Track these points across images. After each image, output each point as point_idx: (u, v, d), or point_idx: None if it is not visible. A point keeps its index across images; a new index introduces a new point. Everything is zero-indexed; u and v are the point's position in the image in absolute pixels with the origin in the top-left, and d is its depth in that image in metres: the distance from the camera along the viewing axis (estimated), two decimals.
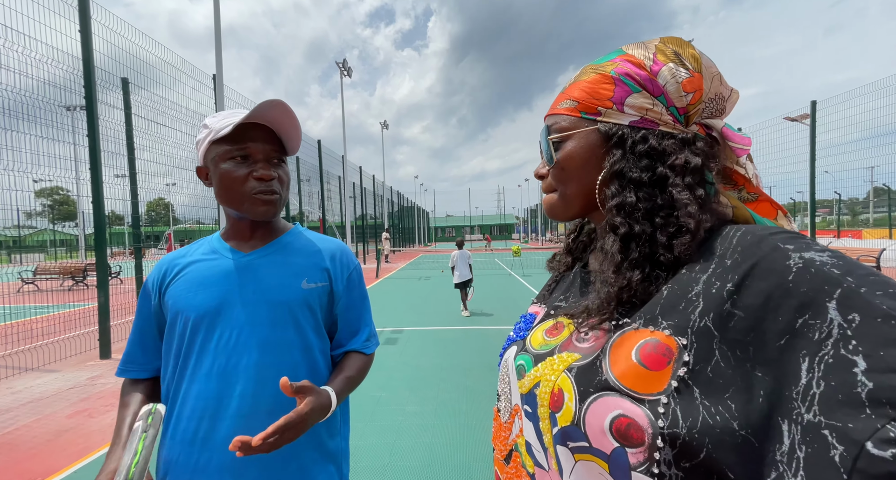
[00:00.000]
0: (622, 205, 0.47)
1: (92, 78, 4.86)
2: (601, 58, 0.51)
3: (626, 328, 0.44)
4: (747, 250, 0.38)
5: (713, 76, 0.47)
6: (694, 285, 0.40)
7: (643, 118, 0.47)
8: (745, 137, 0.49)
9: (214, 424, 0.79)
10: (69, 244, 28.52)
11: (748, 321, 0.35)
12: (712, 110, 0.48)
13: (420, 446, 2.62)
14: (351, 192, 17.32)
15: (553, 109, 0.54)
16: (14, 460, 2.54)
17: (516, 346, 0.58)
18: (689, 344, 0.38)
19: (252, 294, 0.84)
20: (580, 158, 0.50)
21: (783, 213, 0.50)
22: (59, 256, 23.30)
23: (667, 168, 0.45)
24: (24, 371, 4.25)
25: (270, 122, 0.83)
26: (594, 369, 0.42)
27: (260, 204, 0.83)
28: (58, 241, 25.82)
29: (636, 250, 0.45)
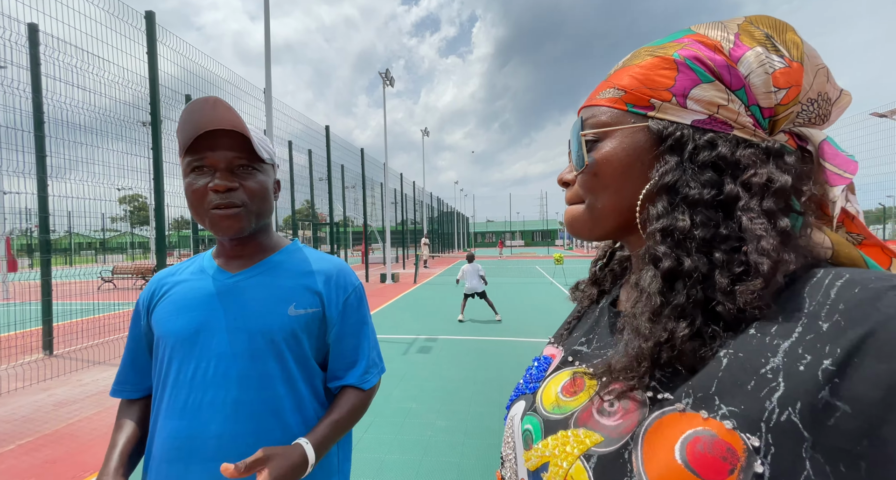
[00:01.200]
0: (670, 230, 0.36)
1: (157, 96, 5.31)
2: (663, 38, 0.40)
3: (666, 407, 0.33)
4: (856, 309, 0.27)
5: (818, 69, 0.36)
6: (770, 356, 0.29)
7: (712, 117, 0.36)
8: (852, 159, 0.35)
9: (188, 467, 0.72)
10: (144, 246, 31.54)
11: (859, 420, 0.25)
12: (811, 115, 0.37)
13: (447, 465, 2.51)
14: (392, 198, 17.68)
15: (591, 100, 0.43)
16: (73, 450, 2.75)
17: (524, 401, 0.47)
18: (763, 446, 0.27)
19: (233, 321, 0.77)
20: (620, 163, 0.39)
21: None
22: (136, 257, 25.82)
23: (739, 186, 0.34)
24: (92, 365, 4.66)
25: (229, 124, 0.73)
26: (620, 463, 0.32)
27: (218, 220, 0.74)
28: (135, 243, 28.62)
29: (683, 293, 0.34)
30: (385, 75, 13.34)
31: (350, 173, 14.17)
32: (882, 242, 0.36)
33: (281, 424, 0.76)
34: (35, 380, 4.10)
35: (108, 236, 29.75)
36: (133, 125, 5.71)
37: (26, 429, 3.06)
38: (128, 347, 0.87)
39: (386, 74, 13.35)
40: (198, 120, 0.72)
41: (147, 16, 5.27)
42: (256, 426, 0.74)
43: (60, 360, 4.76)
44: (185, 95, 7.03)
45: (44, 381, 4.10)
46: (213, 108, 0.72)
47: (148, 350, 0.85)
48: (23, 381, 4.05)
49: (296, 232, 11.36)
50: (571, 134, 0.44)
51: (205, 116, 0.72)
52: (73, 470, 2.51)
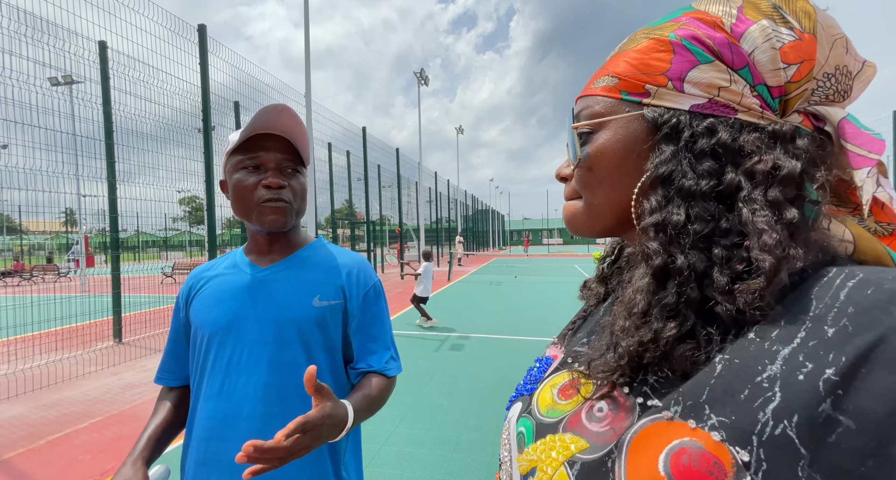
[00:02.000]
0: (663, 224, 0.33)
1: (208, 104, 5.69)
2: (662, 17, 0.37)
3: (653, 414, 0.31)
4: (867, 313, 0.24)
5: (834, 40, 0.32)
6: (767, 363, 0.27)
7: (712, 101, 0.33)
8: (878, 138, 0.31)
9: (222, 446, 0.78)
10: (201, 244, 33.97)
11: (864, 438, 0.22)
12: (829, 92, 0.33)
13: (478, 464, 2.50)
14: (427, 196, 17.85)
15: (586, 90, 0.41)
16: (137, 429, 3.02)
17: (521, 402, 0.46)
18: (753, 462, 0.25)
19: (263, 312, 0.83)
20: (615, 156, 0.37)
21: None
22: (193, 254, 27.88)
23: (741, 174, 0.31)
24: (154, 352, 5.09)
25: (283, 131, 0.81)
26: (603, 471, 0.30)
27: (268, 212, 0.81)
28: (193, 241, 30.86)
29: (674, 292, 0.32)
30: (420, 75, 13.48)
31: (386, 173, 14.48)
32: None
33: (308, 408, 0.80)
34: (106, 365, 4.54)
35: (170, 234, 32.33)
36: (190, 132, 6.19)
37: (97, 409, 3.40)
38: (170, 338, 0.95)
39: (421, 73, 13.49)
40: (259, 123, 0.79)
41: (199, 29, 5.66)
42: (285, 409, 0.79)
43: (128, 347, 5.24)
44: (234, 102, 7.50)
45: (113, 366, 4.54)
46: (278, 114, 0.78)
47: (186, 342, 0.92)
48: (95, 366, 4.50)
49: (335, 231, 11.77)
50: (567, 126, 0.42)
51: (268, 120, 0.79)
52: None
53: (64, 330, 5.66)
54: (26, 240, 22.88)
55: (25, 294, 7.65)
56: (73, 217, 14.43)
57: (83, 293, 9.30)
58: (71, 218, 15.12)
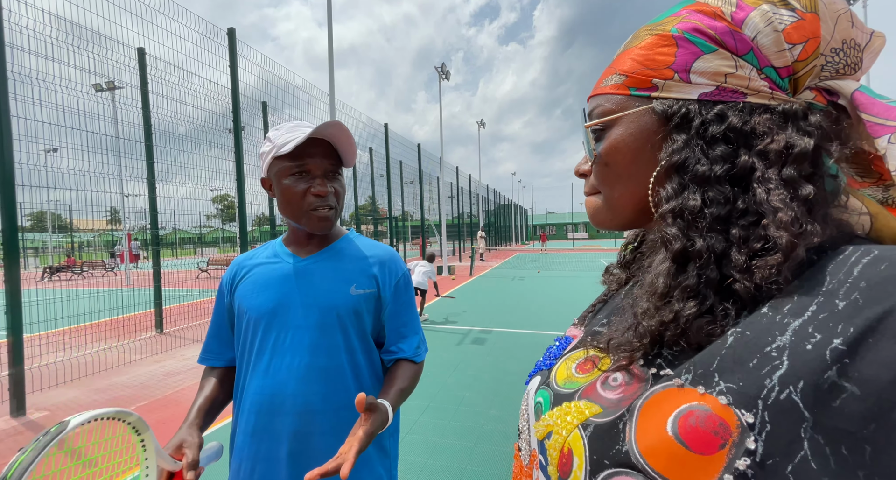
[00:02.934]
0: (680, 210, 0.34)
1: (238, 105, 5.90)
2: (663, 13, 0.39)
3: (665, 382, 0.32)
4: (878, 287, 0.25)
5: (838, 15, 0.33)
6: (778, 334, 0.28)
7: (720, 87, 0.34)
8: (893, 105, 0.32)
9: (272, 419, 0.86)
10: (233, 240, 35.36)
11: (867, 403, 0.23)
12: (839, 66, 0.34)
13: (499, 454, 2.54)
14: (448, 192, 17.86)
15: (596, 89, 0.42)
16: (179, 413, 3.23)
17: (540, 376, 0.48)
18: (757, 423, 0.26)
19: (305, 298, 0.89)
20: (629, 150, 0.38)
21: None
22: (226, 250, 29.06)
23: (754, 156, 0.32)
24: (192, 343, 5.38)
25: (328, 136, 0.87)
26: (614, 433, 0.32)
27: (317, 220, 0.88)
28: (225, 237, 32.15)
29: (694, 274, 0.33)
30: (441, 69, 13.46)
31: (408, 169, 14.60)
32: None
33: (344, 387, 0.88)
34: (149, 353, 4.85)
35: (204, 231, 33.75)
36: (220, 132, 6.43)
37: (143, 394, 3.64)
38: (213, 321, 1.03)
39: (442, 68, 13.46)
40: (321, 132, 0.86)
41: (229, 32, 5.86)
42: (325, 387, 0.87)
43: (169, 337, 5.57)
44: (262, 102, 7.75)
45: (156, 355, 4.84)
46: (328, 125, 0.85)
47: (230, 324, 1.00)
48: (139, 354, 4.82)
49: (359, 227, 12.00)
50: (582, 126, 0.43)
51: (318, 129, 0.86)
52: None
53: (112, 321, 6.07)
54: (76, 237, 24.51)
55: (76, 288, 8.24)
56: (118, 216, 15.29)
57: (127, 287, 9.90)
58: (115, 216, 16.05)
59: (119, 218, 15.54)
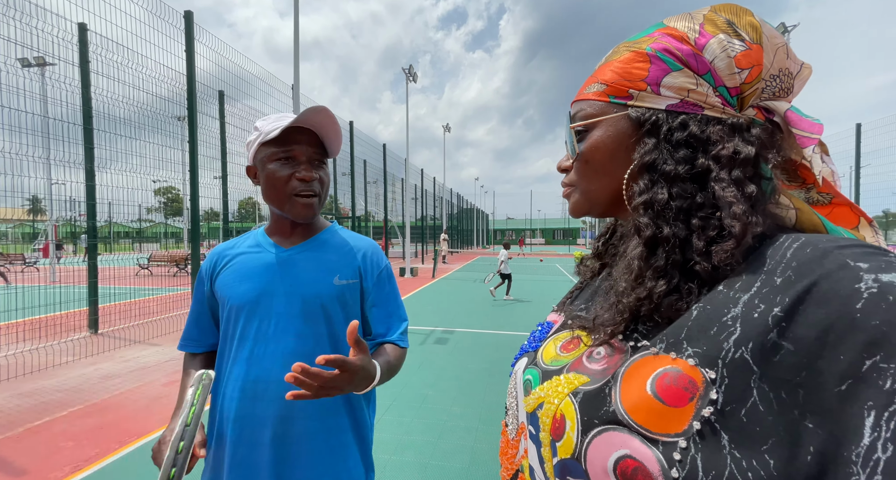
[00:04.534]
0: (650, 202, 0.40)
1: (194, 93, 5.58)
2: (639, 33, 0.45)
3: (643, 351, 0.38)
4: (805, 265, 0.31)
5: (777, 48, 0.39)
6: (731, 307, 0.34)
7: (684, 101, 0.40)
8: (816, 122, 0.39)
9: (255, 404, 0.86)
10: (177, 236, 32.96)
11: (799, 356, 0.29)
12: (775, 90, 0.40)
13: (463, 448, 2.60)
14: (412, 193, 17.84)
15: (579, 95, 0.48)
16: (117, 419, 2.99)
17: (527, 357, 0.53)
18: (718, 378, 0.32)
19: (289, 287, 0.90)
20: (606, 150, 0.44)
21: (867, 221, 0.40)
22: (170, 246, 26.99)
23: (710, 159, 0.38)
24: (133, 343, 4.99)
25: (315, 126, 0.88)
26: (602, 396, 0.37)
27: (300, 206, 0.89)
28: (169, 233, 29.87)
29: (663, 257, 0.39)
30: (408, 71, 13.45)
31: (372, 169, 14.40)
32: (850, 201, 0.40)
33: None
34: (82, 355, 4.43)
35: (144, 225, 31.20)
36: (168, 119, 5.92)
37: (76, 398, 3.33)
38: (192, 309, 1.02)
39: (409, 69, 13.46)
40: (298, 118, 0.86)
41: (186, 15, 5.53)
42: None
43: (105, 338, 5.11)
44: (219, 91, 7.35)
45: (90, 356, 4.43)
46: (314, 113, 0.85)
47: (209, 312, 0.99)
48: (71, 356, 4.39)
49: None
50: (566, 126, 0.49)
51: (305, 116, 0.85)
52: (120, 436, 2.73)
53: (36, 320, 5.47)
54: None
55: None
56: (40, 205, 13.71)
57: (52, 284, 8.94)
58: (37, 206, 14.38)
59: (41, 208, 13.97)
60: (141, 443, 2.65)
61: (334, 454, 0.89)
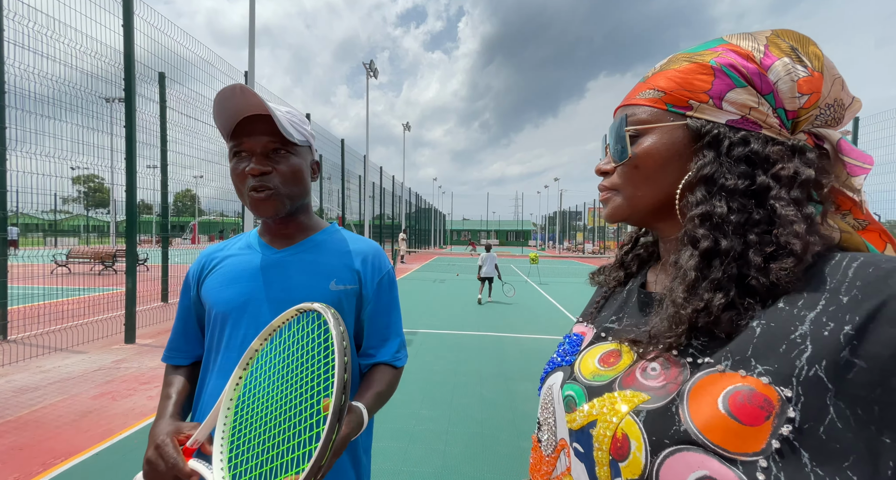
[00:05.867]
0: (709, 214, 0.40)
1: (132, 72, 5.03)
2: (697, 46, 0.45)
3: (707, 368, 0.37)
4: (871, 285, 0.32)
5: (835, 79, 0.41)
6: (798, 324, 0.34)
7: (744, 118, 0.41)
8: (867, 154, 0.41)
9: None
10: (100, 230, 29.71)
11: (873, 374, 0.29)
12: (828, 118, 0.42)
13: (433, 452, 2.57)
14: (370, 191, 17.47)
15: (630, 99, 0.47)
16: (40, 437, 2.62)
17: (562, 372, 0.51)
18: (794, 397, 0.32)
19: (279, 293, 0.82)
20: (660, 157, 0.44)
21: (893, 246, 0.42)
22: (91, 241, 24.23)
23: (770, 178, 0.39)
24: (53, 351, 4.40)
25: (257, 109, 0.77)
26: (669, 416, 0.36)
27: (256, 203, 0.79)
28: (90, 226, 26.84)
29: (719, 269, 0.39)
30: (369, 66, 13.16)
31: (328, 164, 13.90)
32: (882, 227, 0.42)
33: None
34: None
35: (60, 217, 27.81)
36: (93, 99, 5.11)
37: None
38: (179, 316, 0.91)
39: (370, 65, 13.17)
40: (232, 107, 0.76)
41: None
42: None
43: (17, 346, 4.46)
44: (159, 73, 6.70)
45: (1, 367, 3.85)
46: (242, 95, 0.75)
47: (197, 320, 0.89)
48: None
49: None
50: (610, 129, 0.48)
51: (237, 103, 0.75)
52: (41, 456, 2.39)
53: None
54: None
55: None
56: None
57: None
58: None
59: None
60: (70, 465, 2.34)
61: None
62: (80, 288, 8.74)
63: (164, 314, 6.21)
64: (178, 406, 0.80)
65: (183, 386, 0.84)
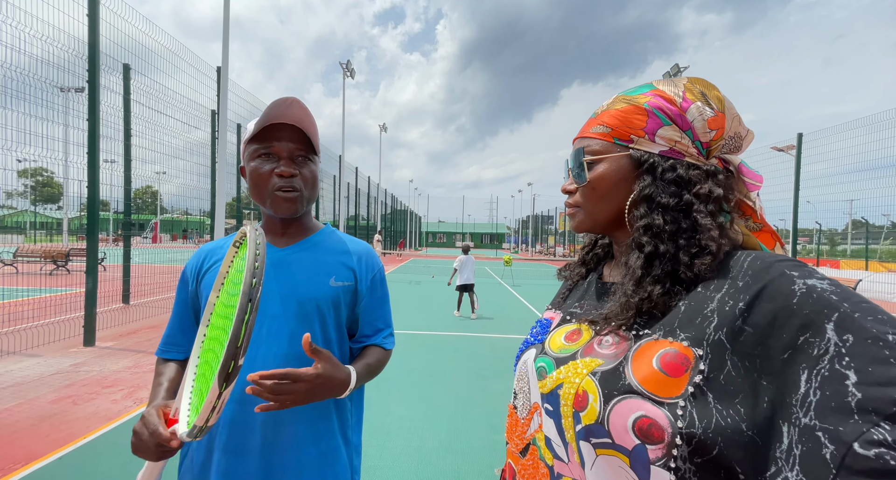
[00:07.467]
0: (650, 226, 0.51)
1: (97, 62, 4.83)
2: (632, 90, 0.56)
3: (646, 338, 0.48)
4: (757, 273, 0.43)
5: (734, 117, 0.53)
6: (709, 303, 0.45)
7: (672, 149, 0.52)
8: (759, 174, 0.55)
9: (244, 408, 0.83)
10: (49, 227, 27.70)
11: (756, 336, 0.40)
12: (730, 147, 0.54)
13: (410, 449, 2.64)
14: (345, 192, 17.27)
15: (584, 133, 0.58)
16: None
17: (535, 349, 0.62)
18: (704, 355, 0.42)
19: (284, 288, 0.88)
20: (611, 181, 0.55)
21: (780, 244, 0.56)
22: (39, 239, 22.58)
23: (692, 196, 0.51)
24: (4, 355, 4.14)
25: (295, 120, 0.86)
26: (617, 374, 0.47)
27: (281, 201, 0.87)
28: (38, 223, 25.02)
29: (658, 268, 0.50)
30: (346, 66, 13.05)
31: None
32: (773, 229, 0.55)
33: None
34: None
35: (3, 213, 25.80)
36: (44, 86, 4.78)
37: None
38: (175, 311, 0.95)
39: (347, 64, 13.06)
40: (273, 114, 0.84)
41: None
42: None
43: None
44: (124, 64, 6.42)
45: None
46: (289, 106, 0.85)
47: (194, 315, 0.94)
48: None
49: (240, 220, 10.74)
50: (571, 157, 0.60)
51: (280, 111, 0.84)
52: (1, 463, 2.29)
53: None
54: None
55: None
56: None
57: None
58: None
59: None
60: (30, 471, 2.25)
61: (323, 459, 0.89)
62: (30, 289, 8.19)
63: (125, 316, 5.94)
64: (169, 392, 0.84)
65: (176, 374, 0.89)
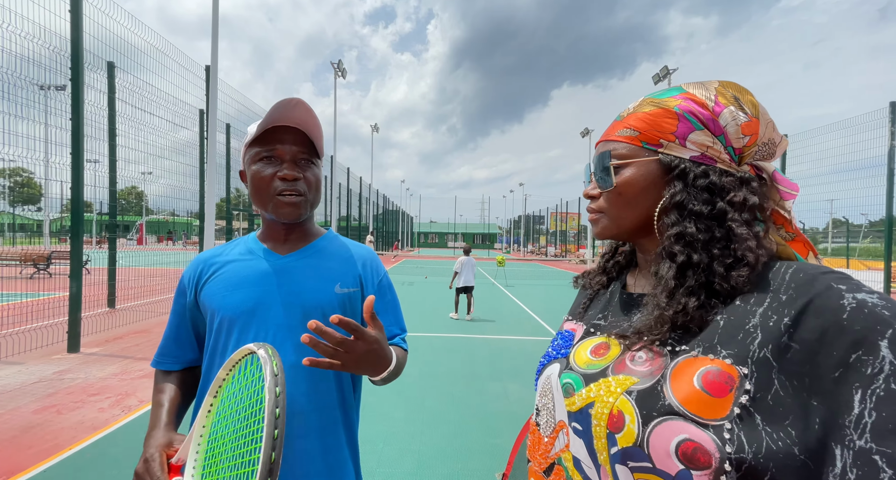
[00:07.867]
0: (682, 234, 0.49)
1: (80, 60, 4.69)
2: (661, 93, 0.54)
3: (684, 354, 0.45)
4: (802, 287, 0.41)
5: (768, 123, 0.51)
6: (751, 317, 0.43)
7: (703, 154, 0.50)
8: (794, 182, 0.52)
9: None
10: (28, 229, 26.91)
11: (804, 353, 0.38)
12: (764, 154, 0.52)
13: (408, 453, 2.61)
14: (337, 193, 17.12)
15: (610, 136, 0.55)
16: None
17: (558, 363, 0.58)
18: (749, 373, 0.40)
19: (287, 296, 0.85)
20: (639, 186, 0.52)
21: (814, 253, 0.53)
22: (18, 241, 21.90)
23: (726, 203, 0.48)
24: None
25: (299, 123, 0.83)
26: (656, 393, 0.44)
27: (284, 206, 0.84)
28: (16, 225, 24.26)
29: (692, 278, 0.47)
30: (337, 66, 12.93)
31: None
32: (806, 239, 0.52)
33: (328, 387, 0.86)
34: None
35: None
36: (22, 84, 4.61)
37: None
38: (171, 322, 0.91)
39: (339, 64, 12.95)
40: (276, 116, 0.80)
41: None
42: (309, 386, 0.83)
43: None
44: (108, 62, 6.25)
45: None
46: (293, 108, 0.81)
47: (191, 325, 0.90)
48: None
49: (230, 221, 10.56)
50: (595, 161, 0.57)
51: (283, 113, 0.80)
52: None
53: None
54: None
55: None
56: None
57: None
58: None
59: None
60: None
61: (331, 473, 0.86)
62: (9, 293, 7.92)
63: (110, 321, 5.78)
64: (171, 415, 0.81)
65: (175, 393, 0.86)
